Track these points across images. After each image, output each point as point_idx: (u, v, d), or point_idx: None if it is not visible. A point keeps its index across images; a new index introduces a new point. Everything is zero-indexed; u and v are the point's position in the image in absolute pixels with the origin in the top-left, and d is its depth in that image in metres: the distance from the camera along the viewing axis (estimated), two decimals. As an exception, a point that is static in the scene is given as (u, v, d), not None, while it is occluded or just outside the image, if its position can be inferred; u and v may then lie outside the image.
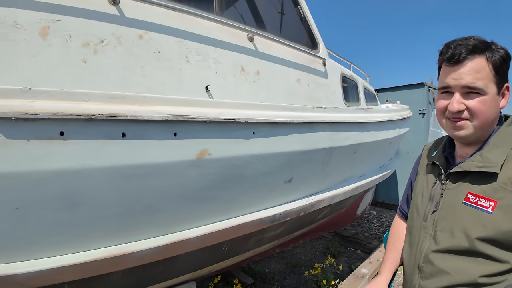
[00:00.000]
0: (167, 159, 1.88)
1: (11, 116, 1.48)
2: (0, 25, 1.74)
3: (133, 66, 2.05)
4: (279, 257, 4.94)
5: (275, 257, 4.90)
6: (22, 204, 1.57)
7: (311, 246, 5.51)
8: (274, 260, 4.84)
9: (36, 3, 1.85)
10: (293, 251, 5.22)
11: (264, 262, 4.73)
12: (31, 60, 1.79)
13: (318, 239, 5.71)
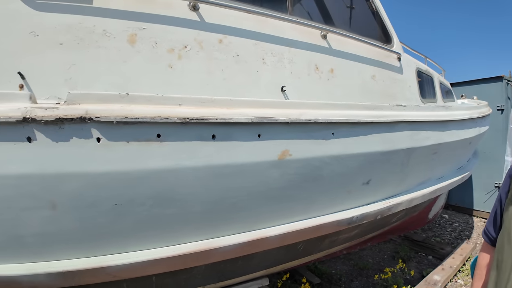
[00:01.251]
0: (251, 160, 1.92)
1: (112, 120, 1.61)
2: (90, 34, 1.92)
3: (214, 69, 2.12)
4: (345, 259, 4.81)
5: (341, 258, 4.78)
6: (121, 201, 1.71)
7: (379, 249, 5.28)
8: (340, 261, 4.72)
9: (122, 12, 1.99)
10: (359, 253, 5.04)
11: (330, 262, 4.64)
12: (122, 66, 1.93)
13: (386, 242, 5.45)
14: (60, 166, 1.57)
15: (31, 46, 1.80)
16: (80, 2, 1.92)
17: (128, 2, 2.00)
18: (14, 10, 1.82)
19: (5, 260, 1.67)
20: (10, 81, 1.76)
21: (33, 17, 1.83)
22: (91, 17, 1.91)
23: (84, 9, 1.92)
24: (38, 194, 1.58)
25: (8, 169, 1.53)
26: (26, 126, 1.53)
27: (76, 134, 1.57)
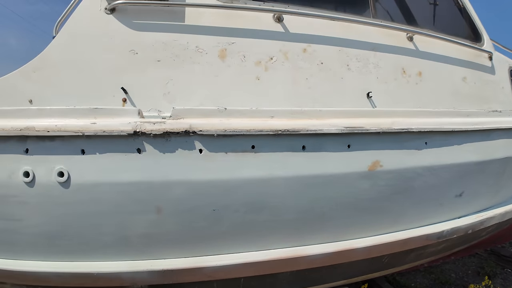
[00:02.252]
0: (341, 170, 1.89)
1: (213, 133, 1.71)
2: (184, 50, 2.04)
3: (299, 79, 2.13)
4: (426, 272, 4.51)
5: (421, 271, 4.49)
6: (218, 207, 1.80)
7: (463, 263, 4.86)
8: (420, 274, 4.44)
9: (213, 28, 2.09)
10: (441, 266, 4.69)
11: (410, 275, 4.38)
12: (214, 80, 2.03)
13: (471, 256, 5.00)
14: (166, 175, 1.71)
15: (132, 63, 1.98)
16: (173, 20, 2.05)
17: (217, 18, 2.09)
18: (115, 30, 2.02)
19: (110, 257, 1.85)
20: (114, 95, 1.95)
21: (132, 37, 2.02)
22: (185, 34, 2.05)
23: (177, 27, 2.05)
24: (146, 200, 1.73)
25: (120, 177, 1.70)
26: (136, 139, 1.68)
27: (181, 146, 1.69)
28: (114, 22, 2.00)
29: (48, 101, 1.89)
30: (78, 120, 1.69)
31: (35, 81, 1.93)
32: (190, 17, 2.06)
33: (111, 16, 2.01)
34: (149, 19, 2.03)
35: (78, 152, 1.67)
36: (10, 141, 1.69)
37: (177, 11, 2.06)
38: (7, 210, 1.75)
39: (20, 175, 1.68)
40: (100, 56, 1.96)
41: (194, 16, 2.07)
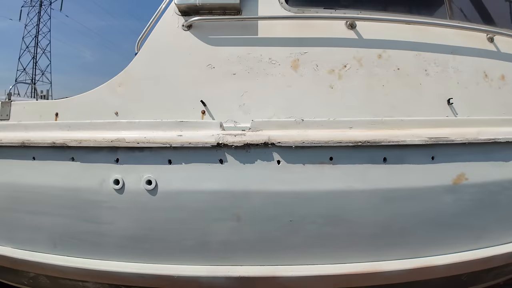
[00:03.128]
0: (424, 184, 1.82)
1: (291, 145, 1.73)
2: (258, 63, 2.08)
3: (375, 86, 2.08)
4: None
5: (496, 288, 4.18)
6: (295, 218, 1.82)
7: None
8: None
9: (285, 39, 2.11)
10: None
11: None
12: (287, 90, 2.05)
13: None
14: (246, 185, 1.77)
15: (209, 77, 2.08)
16: (246, 34, 2.11)
17: (289, 29, 2.12)
18: (192, 46, 2.12)
19: (190, 262, 1.94)
20: (194, 107, 2.05)
21: (208, 51, 2.11)
22: (258, 47, 2.10)
23: (251, 40, 2.12)
24: (226, 208, 1.80)
25: (203, 186, 1.79)
26: (219, 150, 1.75)
27: (260, 157, 1.74)
28: (191, 38, 2.11)
29: (132, 113, 2.05)
30: (165, 132, 1.80)
31: (120, 94, 2.09)
32: (262, 29, 2.12)
33: (188, 33, 2.12)
34: (224, 34, 2.11)
35: (165, 162, 1.78)
36: (102, 151, 1.85)
37: (250, 25, 2.13)
38: (97, 214, 1.91)
39: (110, 183, 1.83)
40: (180, 71, 2.08)
41: (266, 28, 2.12)
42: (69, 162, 1.88)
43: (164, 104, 2.06)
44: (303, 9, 2.15)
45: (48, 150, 1.91)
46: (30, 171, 1.97)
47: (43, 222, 2.02)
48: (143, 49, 2.15)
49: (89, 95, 2.15)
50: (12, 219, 2.13)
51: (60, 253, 2.05)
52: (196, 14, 2.12)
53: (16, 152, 1.98)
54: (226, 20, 2.10)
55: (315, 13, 2.15)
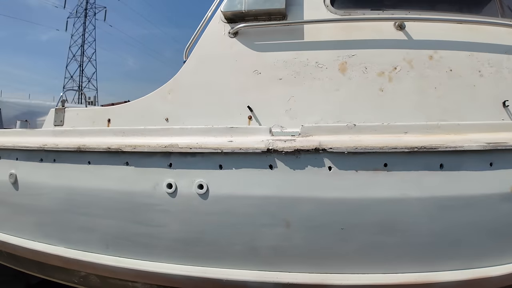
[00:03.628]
0: (482, 191, 1.76)
1: (343, 151, 1.71)
2: (305, 67, 2.07)
3: (426, 88, 2.03)
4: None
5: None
6: (347, 226, 1.80)
7: None
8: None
9: (332, 42, 2.09)
10: None
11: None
12: (335, 94, 2.03)
13: None
14: (296, 191, 1.77)
15: (255, 83, 2.10)
16: (292, 38, 2.12)
17: (336, 32, 2.11)
18: (239, 52, 2.15)
19: (239, 266, 1.97)
20: (241, 113, 2.08)
21: (254, 57, 2.13)
22: (304, 51, 2.11)
23: (297, 44, 2.12)
24: (276, 214, 1.81)
25: (253, 191, 1.81)
26: (269, 156, 1.77)
27: (310, 163, 1.74)
28: (237, 45, 2.15)
29: (182, 119, 2.11)
30: (216, 138, 1.85)
31: (170, 101, 2.16)
32: (308, 33, 2.12)
33: (234, 40, 2.16)
34: (270, 40, 2.14)
35: (216, 167, 1.83)
36: (156, 156, 1.91)
37: (296, 29, 2.14)
38: (150, 217, 1.98)
39: (164, 187, 1.89)
40: (227, 77, 2.13)
41: (312, 32, 2.12)
42: (124, 166, 1.96)
43: (212, 110, 2.11)
44: (349, 11, 2.13)
45: (103, 155, 2.01)
46: (85, 175, 2.07)
47: (97, 223, 2.12)
48: (191, 57, 2.22)
49: (140, 102, 2.23)
50: (66, 221, 2.25)
51: (112, 254, 2.14)
52: (241, 21, 2.16)
53: (72, 156, 2.09)
54: (272, 25, 2.13)
55: (362, 15, 2.12)
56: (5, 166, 2.42)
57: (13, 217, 2.56)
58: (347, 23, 2.11)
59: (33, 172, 2.29)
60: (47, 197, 2.25)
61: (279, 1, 2.09)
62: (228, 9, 2.16)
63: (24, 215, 2.47)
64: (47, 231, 2.36)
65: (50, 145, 2.16)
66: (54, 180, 2.20)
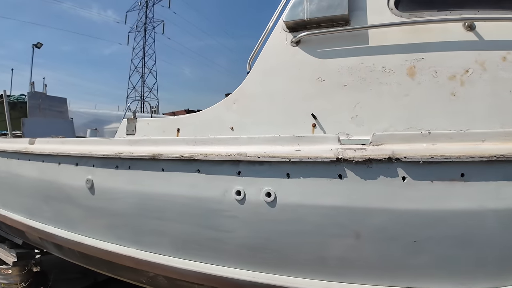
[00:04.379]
0: None
1: (418, 160, 1.68)
2: (371, 72, 2.06)
3: (501, 91, 1.94)
4: None
5: None
6: (420, 238, 1.76)
7: None
8: None
9: (399, 46, 2.05)
10: None
11: None
12: (404, 99, 2.00)
13: None
14: (367, 202, 1.77)
15: (319, 90, 2.13)
16: (356, 44, 2.12)
17: (402, 35, 2.07)
18: (302, 60, 2.20)
19: (306, 275, 2.00)
20: (304, 121, 2.13)
21: (318, 65, 2.17)
22: (370, 56, 2.09)
23: (362, 49, 2.12)
24: (345, 224, 1.83)
25: (322, 201, 1.84)
26: (338, 165, 1.79)
27: (382, 173, 1.73)
28: (300, 53, 2.20)
29: (246, 128, 2.21)
30: (283, 147, 1.91)
31: (235, 111, 2.27)
32: (373, 38, 2.11)
33: (297, 48, 2.22)
34: (333, 46, 2.16)
35: (284, 176, 1.88)
36: (225, 164, 2.02)
37: (360, 34, 2.13)
38: (219, 222, 2.08)
39: (233, 194, 1.99)
40: (290, 86, 2.18)
41: (377, 36, 2.11)
42: (195, 173, 2.09)
43: (276, 118, 2.18)
44: (415, 14, 2.08)
45: (176, 163, 2.16)
46: (158, 181, 2.24)
47: (169, 227, 2.27)
48: (255, 68, 2.31)
49: (207, 112, 2.37)
50: (139, 224, 2.44)
51: (182, 257, 2.28)
52: (304, 29, 2.21)
53: (147, 164, 2.27)
54: (335, 32, 2.15)
55: (428, 17, 2.07)
56: (82, 172, 2.68)
57: (88, 220, 2.82)
58: (414, 26, 2.07)
59: (109, 178, 2.52)
60: (121, 202, 2.46)
61: (342, 7, 2.11)
62: (290, 18, 2.22)
63: (99, 218, 2.71)
64: (120, 233, 2.58)
65: (125, 153, 2.36)
66: (128, 185, 2.39)
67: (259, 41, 2.35)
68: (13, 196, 3.72)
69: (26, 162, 3.27)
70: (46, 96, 5.88)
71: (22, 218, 3.54)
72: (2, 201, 3.95)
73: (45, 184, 3.08)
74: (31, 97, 5.61)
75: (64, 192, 2.88)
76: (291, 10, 2.23)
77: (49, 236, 3.20)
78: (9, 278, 4.32)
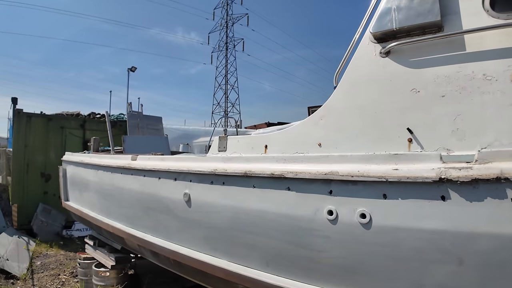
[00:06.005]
0: None
1: None
2: (470, 81, 1.93)
3: None
4: None
5: None
6: None
7: None
8: None
9: (499, 51, 1.88)
10: None
11: None
12: (509, 110, 1.81)
13: None
14: (473, 225, 1.68)
15: (414, 102, 2.06)
16: (452, 51, 2.02)
17: (502, 38, 1.90)
18: (393, 72, 2.15)
19: None
20: (399, 136, 2.07)
21: (411, 75, 2.10)
22: (468, 63, 1.96)
23: (459, 56, 2.00)
24: (448, 249, 1.75)
25: (422, 224, 1.79)
26: (441, 186, 1.74)
27: (490, 194, 1.64)
28: (391, 64, 2.17)
29: (335, 144, 2.24)
30: (379, 166, 1.92)
31: (322, 127, 2.33)
32: (470, 43, 1.99)
33: (387, 59, 2.19)
34: (427, 55, 2.08)
35: (380, 196, 1.89)
36: (316, 183, 2.10)
37: (455, 40, 2.02)
38: (310, 241, 2.16)
39: (324, 213, 2.05)
40: (381, 99, 2.16)
41: (475, 41, 1.98)
42: (286, 191, 2.21)
43: (366, 133, 2.16)
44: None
45: (267, 180, 2.30)
46: (250, 197, 2.41)
47: (259, 242, 2.42)
48: (342, 82, 2.34)
49: (294, 129, 2.48)
50: (231, 237, 2.64)
51: (271, 272, 2.40)
52: (393, 39, 2.17)
53: (239, 180, 2.47)
54: (428, 40, 2.06)
55: None
56: (181, 187, 3.00)
57: (184, 231, 3.13)
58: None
59: (204, 192, 2.78)
60: (216, 215, 2.69)
61: (434, 13, 2.04)
62: (378, 29, 2.20)
63: (194, 229, 2.99)
64: (214, 245, 2.81)
65: (220, 170, 2.60)
66: (223, 200, 2.62)
67: (346, 54, 2.39)
68: (116, 206, 4.29)
69: (129, 176, 3.77)
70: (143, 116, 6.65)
71: (123, 226, 4.07)
72: (106, 210, 4.58)
73: (146, 196, 3.50)
74: (130, 117, 6.38)
75: (163, 204, 3.25)
76: (378, 21, 2.22)
77: (148, 244, 3.62)
78: (106, 280, 4.96)
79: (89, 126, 10.93)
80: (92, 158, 5.00)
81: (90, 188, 5.04)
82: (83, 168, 5.24)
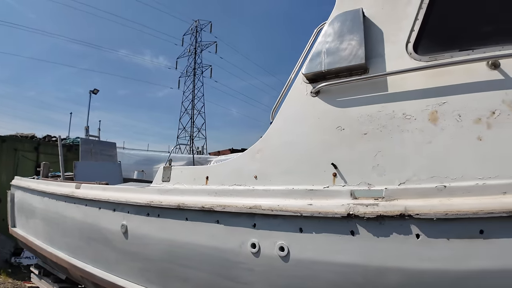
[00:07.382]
0: None
1: (432, 217, 1.69)
2: (391, 120, 2.08)
3: None
4: None
5: None
6: None
7: None
8: None
9: (418, 91, 2.07)
10: None
11: None
12: (426, 147, 1.98)
13: None
14: (381, 260, 1.80)
15: (339, 139, 2.21)
16: (375, 91, 2.19)
17: (421, 80, 2.08)
18: (321, 110, 2.32)
19: None
20: (325, 170, 2.21)
21: (337, 114, 2.26)
22: (389, 103, 2.13)
23: (381, 97, 2.17)
24: (361, 283, 1.86)
25: (335, 258, 1.90)
26: (350, 221, 1.87)
27: (395, 230, 1.78)
28: (320, 103, 2.34)
29: (269, 177, 2.35)
30: (296, 201, 2.04)
31: (258, 160, 2.46)
32: (392, 84, 2.16)
33: (316, 98, 2.36)
34: (352, 95, 2.25)
35: (297, 230, 2.00)
36: (242, 216, 2.20)
37: (379, 81, 2.20)
38: (236, 274, 2.23)
39: (248, 246, 2.14)
40: (311, 136, 2.31)
41: (396, 83, 2.14)
42: (215, 224, 2.30)
43: (297, 168, 2.29)
44: (435, 56, 2.08)
45: (198, 213, 2.38)
46: (183, 230, 2.47)
47: (191, 274, 2.48)
48: (277, 118, 2.50)
49: (233, 161, 2.60)
50: (166, 269, 2.68)
51: (204, 305, 2.46)
52: (323, 80, 2.34)
53: (173, 213, 2.53)
54: (353, 81, 2.24)
55: (449, 58, 2.04)
56: (118, 218, 3.02)
57: (122, 262, 3.14)
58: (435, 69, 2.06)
59: (141, 224, 2.82)
60: (152, 247, 2.73)
61: (358, 57, 2.20)
62: (309, 70, 2.37)
63: (131, 261, 3.01)
64: (149, 277, 2.83)
65: (155, 202, 2.66)
66: (158, 232, 2.66)
67: (281, 93, 2.55)
68: (60, 235, 4.21)
69: (72, 205, 3.75)
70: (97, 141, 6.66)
71: (67, 256, 4.00)
72: (50, 239, 4.48)
73: (88, 226, 3.49)
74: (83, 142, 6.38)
75: (102, 235, 3.25)
76: (309, 63, 2.39)
77: (89, 275, 3.56)
78: (50, 311, 4.81)
79: (43, 149, 10.65)
80: (39, 184, 4.91)
81: (36, 215, 4.93)
82: (30, 194, 5.13)
